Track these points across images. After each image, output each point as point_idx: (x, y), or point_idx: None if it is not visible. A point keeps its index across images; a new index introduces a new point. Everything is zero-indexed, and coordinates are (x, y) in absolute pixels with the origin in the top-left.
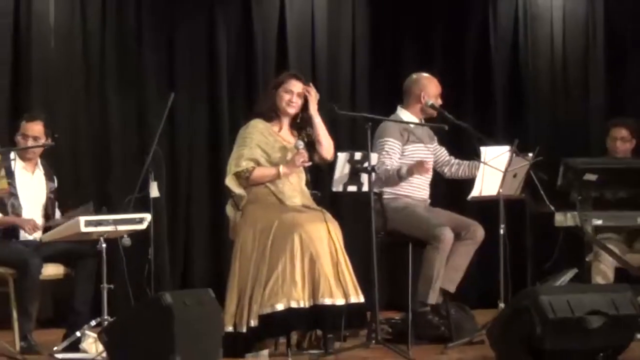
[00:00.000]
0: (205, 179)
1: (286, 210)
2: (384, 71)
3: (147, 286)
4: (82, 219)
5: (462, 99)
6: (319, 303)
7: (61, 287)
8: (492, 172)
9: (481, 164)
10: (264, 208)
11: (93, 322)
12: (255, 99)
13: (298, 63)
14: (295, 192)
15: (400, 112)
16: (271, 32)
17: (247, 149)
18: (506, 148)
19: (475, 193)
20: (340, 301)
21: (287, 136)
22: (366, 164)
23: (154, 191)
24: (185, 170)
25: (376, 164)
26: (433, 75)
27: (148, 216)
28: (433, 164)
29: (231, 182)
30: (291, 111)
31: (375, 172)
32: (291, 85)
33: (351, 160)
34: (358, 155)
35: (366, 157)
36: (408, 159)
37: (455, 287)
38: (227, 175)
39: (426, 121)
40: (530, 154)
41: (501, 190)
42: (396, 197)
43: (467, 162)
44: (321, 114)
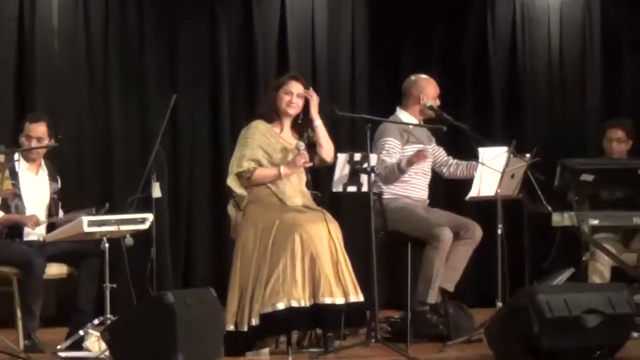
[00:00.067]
0: (206, 179)
1: (287, 210)
2: (384, 72)
3: (150, 285)
4: (85, 219)
5: (461, 101)
6: (319, 302)
7: (64, 287)
8: (490, 173)
9: (479, 165)
10: (265, 208)
11: (96, 321)
12: (256, 100)
13: (298, 64)
14: (296, 193)
15: (399, 113)
16: (272, 33)
17: (249, 150)
18: (504, 149)
19: (473, 193)
20: (340, 300)
21: (289, 137)
22: (366, 165)
23: (156, 191)
24: (187, 170)
25: (376, 163)
26: (432, 77)
27: (150, 216)
28: (432, 165)
29: (233, 182)
30: (291, 112)
31: (374, 173)
32: (291, 86)
33: (351, 161)
34: (358, 156)
35: (366, 158)
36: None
37: (453, 286)
38: (229, 175)
39: (425, 122)
40: (527, 155)
41: (499, 190)
42: (396, 198)
43: (465, 163)
44: (321, 115)
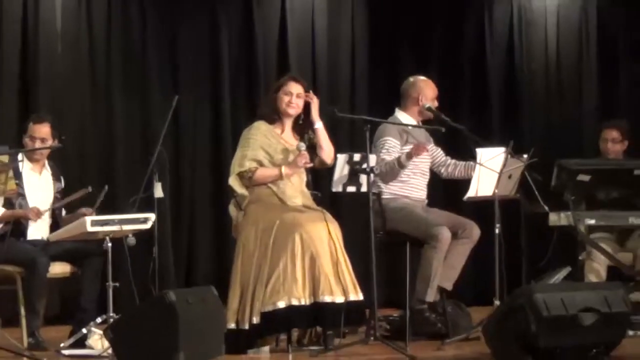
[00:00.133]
0: (208, 180)
1: (287, 210)
2: (383, 73)
3: (152, 284)
4: (88, 219)
5: (459, 102)
6: (319, 301)
7: (68, 285)
8: (488, 173)
9: (477, 165)
10: (266, 208)
11: (99, 319)
12: (256, 100)
13: (298, 65)
14: (296, 193)
15: (398, 114)
16: (272, 34)
17: (250, 150)
18: (501, 149)
19: (471, 193)
20: (339, 299)
21: (290, 138)
22: (365, 165)
23: (158, 191)
24: (188, 170)
25: (376, 163)
26: (430, 78)
27: (152, 216)
28: (430, 165)
29: (234, 182)
30: (291, 112)
31: (373, 173)
32: (290, 87)
33: (350, 161)
34: (357, 156)
35: (365, 159)
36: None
37: (452, 285)
38: (231, 175)
39: (423, 123)
40: (525, 156)
41: (496, 190)
42: (395, 198)
43: (463, 163)
44: (321, 116)
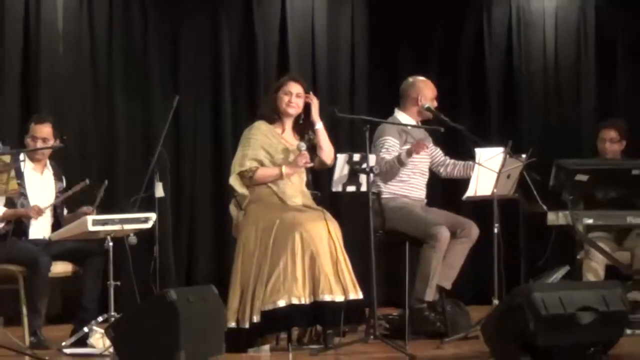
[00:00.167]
0: (208, 179)
1: (287, 209)
2: (383, 73)
3: (153, 283)
4: (90, 219)
5: (458, 103)
6: (319, 299)
7: (69, 285)
8: (487, 173)
9: (476, 165)
10: (266, 207)
11: (100, 318)
12: (256, 100)
13: (298, 65)
14: (296, 192)
15: (397, 115)
16: (272, 35)
17: (251, 150)
18: (500, 149)
19: (470, 193)
20: (339, 298)
21: (290, 138)
22: (365, 165)
23: (159, 191)
24: (189, 170)
25: (376, 162)
26: (429, 78)
27: (153, 215)
28: (429, 165)
29: (235, 182)
30: (291, 112)
31: (373, 173)
32: (290, 87)
33: (350, 161)
34: (357, 156)
35: (365, 158)
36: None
37: (451, 284)
38: (231, 174)
39: (423, 123)
40: (523, 156)
41: (495, 190)
42: (394, 197)
43: (462, 163)
44: (321, 116)
